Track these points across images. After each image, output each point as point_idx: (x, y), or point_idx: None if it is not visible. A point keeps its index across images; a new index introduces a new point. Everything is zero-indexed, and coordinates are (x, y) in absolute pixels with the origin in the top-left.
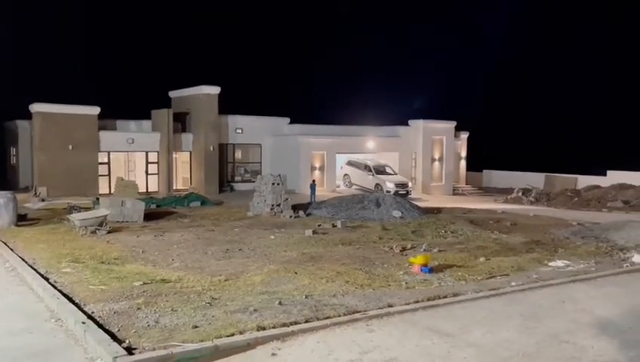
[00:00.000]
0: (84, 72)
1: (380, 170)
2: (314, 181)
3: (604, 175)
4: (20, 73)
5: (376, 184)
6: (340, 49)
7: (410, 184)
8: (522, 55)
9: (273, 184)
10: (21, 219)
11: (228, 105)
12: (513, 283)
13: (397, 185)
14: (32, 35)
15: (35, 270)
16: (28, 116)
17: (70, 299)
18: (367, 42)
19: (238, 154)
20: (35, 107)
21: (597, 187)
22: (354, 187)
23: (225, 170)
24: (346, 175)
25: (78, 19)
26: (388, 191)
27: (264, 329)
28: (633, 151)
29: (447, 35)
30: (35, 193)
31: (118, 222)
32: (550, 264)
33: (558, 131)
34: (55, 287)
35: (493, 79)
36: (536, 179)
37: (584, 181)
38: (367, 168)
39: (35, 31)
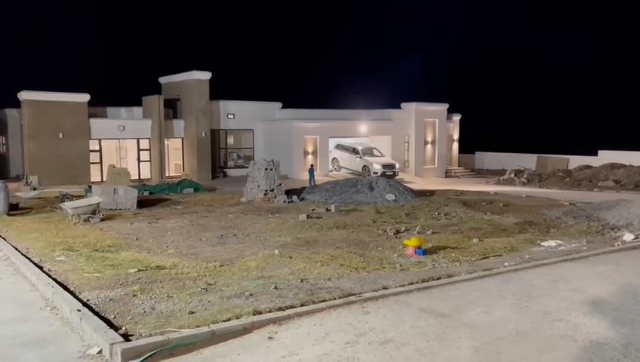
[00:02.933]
0: (73, 59)
1: (368, 153)
2: (312, 166)
3: (596, 155)
4: (7, 61)
5: (364, 166)
6: (331, 33)
7: (397, 165)
8: (514, 38)
9: (266, 169)
10: (13, 209)
11: (219, 90)
12: (506, 264)
13: (384, 166)
14: (20, 22)
15: (28, 259)
16: (17, 104)
17: (65, 287)
18: (359, 26)
19: (231, 140)
20: (24, 95)
21: (588, 167)
22: (342, 170)
23: (217, 156)
24: (334, 158)
25: (65, 6)
26: (375, 173)
27: (260, 313)
28: (624, 131)
29: (440, 19)
30: (27, 182)
31: (111, 209)
32: (543, 244)
33: (550, 112)
34: (49, 276)
35: (486, 61)
36: (528, 160)
37: (576, 161)
38: (354, 151)
39: (22, 18)
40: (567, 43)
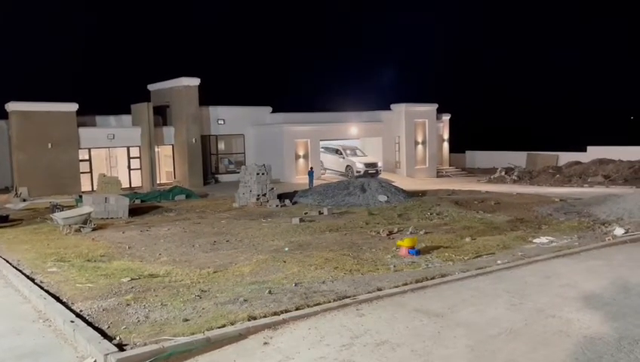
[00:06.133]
0: (60, 69)
1: (350, 153)
2: (312, 168)
3: (585, 151)
4: None
5: (347, 166)
6: (319, 36)
7: (379, 163)
8: (500, 37)
9: (258, 174)
10: (3, 221)
11: (208, 96)
12: (499, 262)
13: (366, 165)
14: (5, 32)
15: (19, 271)
16: (4, 115)
17: (57, 299)
18: (348, 28)
19: (221, 146)
20: (11, 106)
21: (578, 163)
22: (328, 171)
23: (208, 162)
24: (319, 161)
25: (52, 15)
26: (358, 172)
27: (255, 318)
28: (612, 126)
29: (427, 19)
30: (16, 193)
31: (102, 219)
32: (534, 241)
33: (539, 110)
34: (41, 287)
35: (473, 61)
36: (518, 158)
37: (565, 158)
38: (338, 152)
39: (8, 27)
40: (557, 42)
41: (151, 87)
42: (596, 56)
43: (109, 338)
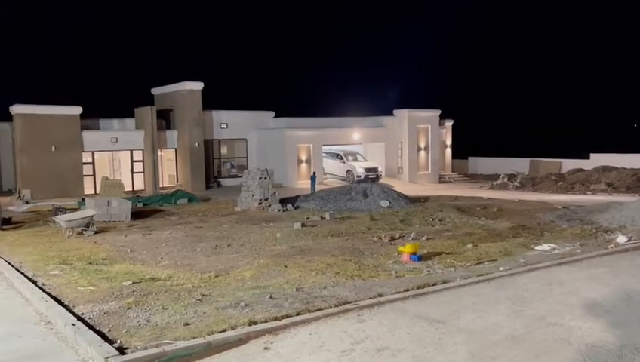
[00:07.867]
0: (64, 72)
1: (351, 158)
2: (314, 173)
3: (588, 158)
4: None
5: (348, 170)
6: (322, 41)
7: (380, 168)
8: (505, 41)
9: (260, 178)
10: (5, 223)
11: (212, 100)
12: (501, 268)
13: (367, 169)
14: (9, 34)
15: (22, 273)
16: (8, 118)
17: (59, 301)
18: (351, 33)
19: (224, 150)
20: (16, 109)
21: (581, 170)
22: (328, 176)
23: (211, 166)
24: None
25: (57, 18)
26: (359, 176)
27: (256, 323)
28: (616, 134)
29: (430, 24)
30: (19, 196)
31: (104, 222)
32: (537, 248)
33: (542, 116)
34: (43, 290)
35: (476, 67)
36: (521, 165)
37: (568, 165)
38: (338, 157)
39: (12, 29)
40: (558, 47)
41: (154, 90)
42: (600, 62)
43: (110, 342)
